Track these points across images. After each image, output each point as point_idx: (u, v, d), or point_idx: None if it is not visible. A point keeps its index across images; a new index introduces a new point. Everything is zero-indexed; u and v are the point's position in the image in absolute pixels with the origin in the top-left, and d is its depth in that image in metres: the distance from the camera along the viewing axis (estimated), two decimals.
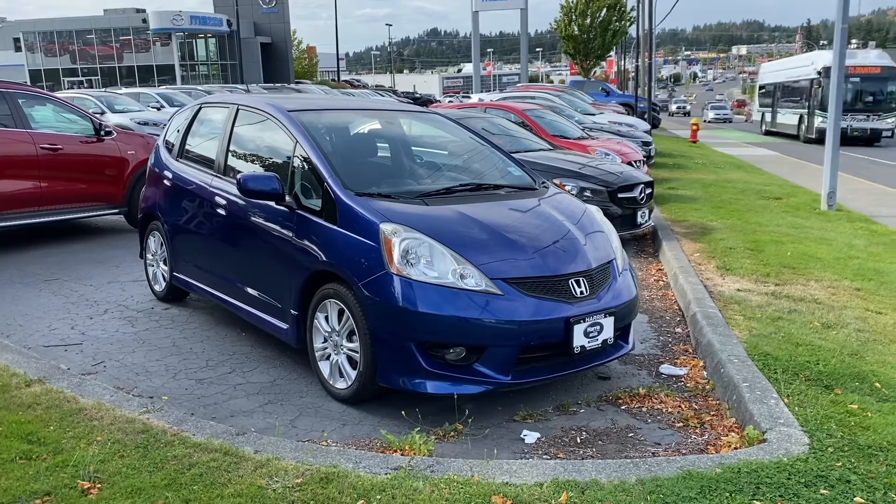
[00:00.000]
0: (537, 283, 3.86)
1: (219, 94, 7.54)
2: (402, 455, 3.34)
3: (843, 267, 7.07)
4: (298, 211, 4.34)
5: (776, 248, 7.76)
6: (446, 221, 4.08)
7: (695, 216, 10.01)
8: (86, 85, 50.27)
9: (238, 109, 5.28)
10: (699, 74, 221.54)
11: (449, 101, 33.84)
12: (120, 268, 7.18)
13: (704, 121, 52.28)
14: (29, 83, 50.87)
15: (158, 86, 38.53)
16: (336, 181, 4.21)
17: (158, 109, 21.26)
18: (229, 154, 5.18)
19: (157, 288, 6.16)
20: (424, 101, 39.78)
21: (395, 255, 3.78)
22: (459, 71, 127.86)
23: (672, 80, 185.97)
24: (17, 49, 57.95)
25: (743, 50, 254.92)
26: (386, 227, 3.88)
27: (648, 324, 5.64)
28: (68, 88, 44.83)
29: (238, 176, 4.47)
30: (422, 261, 3.79)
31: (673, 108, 69.09)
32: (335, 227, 4.09)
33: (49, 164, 8.09)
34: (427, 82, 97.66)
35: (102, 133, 8.71)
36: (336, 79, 59.12)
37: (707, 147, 25.04)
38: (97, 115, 9.77)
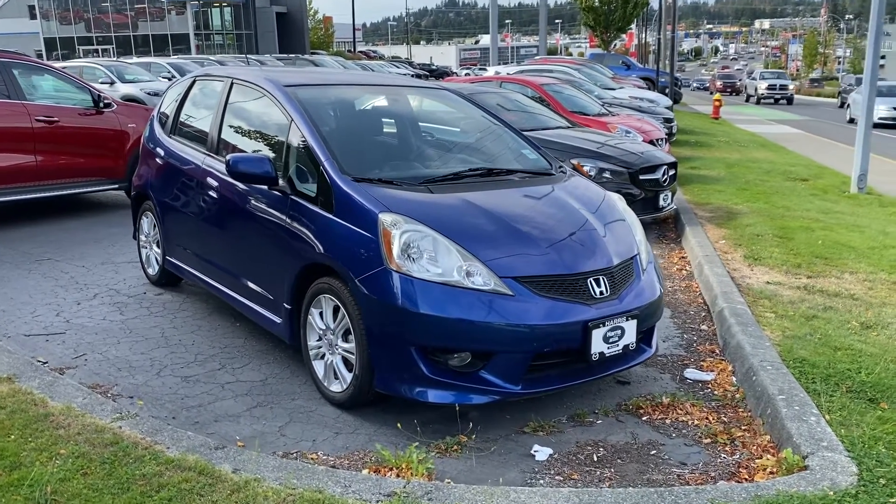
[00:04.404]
0: (552, 283, 3.48)
1: (213, 67, 7.17)
2: (397, 476, 3.00)
3: (878, 258, 6.63)
4: (292, 196, 3.97)
5: (806, 236, 7.32)
6: (452, 211, 3.69)
7: (719, 198, 9.55)
8: (100, 54, 49.80)
9: (232, 83, 4.90)
10: (720, 48, 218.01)
11: (466, 74, 33.18)
12: (115, 247, 6.86)
13: (853, 121, 24.12)
14: (44, 51, 50.44)
15: (173, 55, 38.08)
16: (332, 164, 3.83)
17: (170, 80, 20.87)
18: (222, 132, 4.80)
19: (150, 271, 5.83)
20: (441, 74, 39.08)
21: (395, 249, 3.41)
22: (477, 42, 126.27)
23: (693, 53, 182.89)
24: (32, 16, 57.50)
25: (766, 24, 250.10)
26: (385, 218, 3.50)
27: (671, 319, 5.25)
28: (82, 57, 44.46)
29: (227, 157, 4.10)
30: (424, 256, 3.42)
31: (761, 88, 41.80)
32: (330, 216, 3.72)
33: (45, 136, 7.76)
34: (444, 54, 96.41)
35: (101, 105, 8.36)
36: (352, 49, 58.38)
37: (729, 124, 24.36)
38: (96, 86, 9.41)
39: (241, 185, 4.32)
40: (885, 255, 6.76)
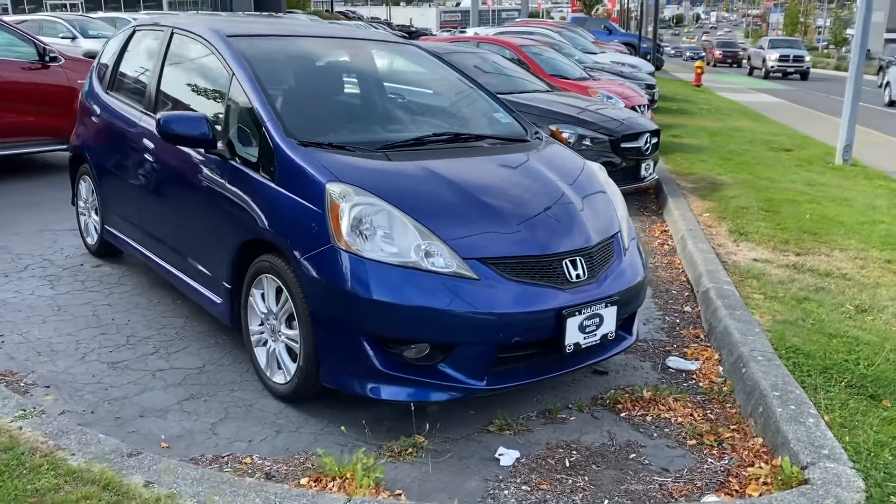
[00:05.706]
0: (523, 265, 3.07)
1: (156, 16, 6.59)
2: (339, 490, 2.60)
3: (868, 233, 6.30)
4: (231, 161, 3.51)
5: (793, 209, 6.97)
6: (412, 182, 3.25)
7: (702, 168, 9.17)
8: (68, 9, 48.01)
9: (172, 34, 4.38)
10: (702, 16, 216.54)
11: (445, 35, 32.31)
12: (57, 213, 6.33)
13: (893, 103, 21.14)
14: (10, 6, 48.69)
15: (143, 11, 36.79)
16: (276, 126, 3.36)
17: None
18: (160, 87, 4.30)
19: (89, 241, 5.34)
20: (418, 35, 38.16)
21: (344, 225, 2.97)
22: (458, 4, 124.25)
23: (674, 20, 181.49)
24: None
25: None
26: (333, 189, 3.06)
27: (652, 299, 4.87)
28: (49, 12, 42.80)
29: (158, 116, 3.61)
30: (378, 233, 2.99)
31: (771, 59, 33.92)
32: (272, 185, 3.26)
33: None
34: (424, 16, 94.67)
35: (48, 59, 7.74)
36: (330, 10, 56.95)
37: (711, 92, 23.93)
38: (45, 39, 8.76)
39: (176, 148, 3.84)
40: (875, 230, 6.43)
